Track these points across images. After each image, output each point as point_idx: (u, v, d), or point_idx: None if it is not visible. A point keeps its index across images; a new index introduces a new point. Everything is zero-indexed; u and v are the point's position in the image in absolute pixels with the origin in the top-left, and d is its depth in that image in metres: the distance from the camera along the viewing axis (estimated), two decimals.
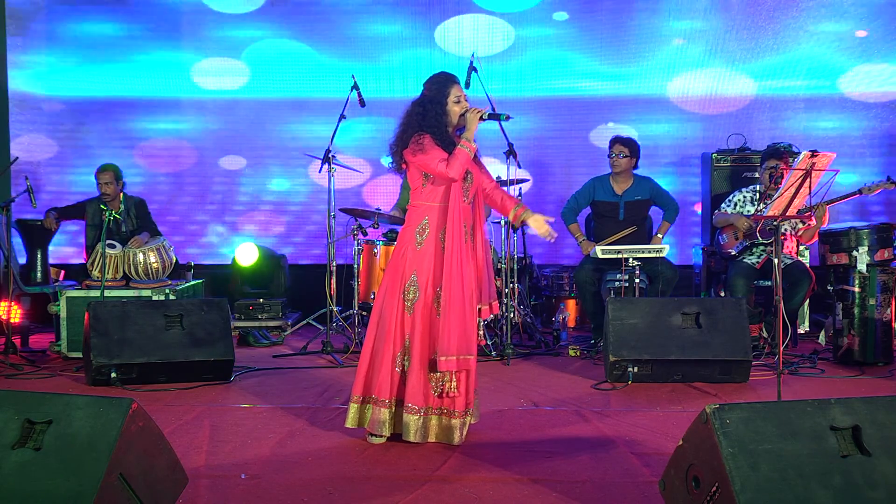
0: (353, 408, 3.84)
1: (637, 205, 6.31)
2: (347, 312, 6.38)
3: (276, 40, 7.91)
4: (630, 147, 6.24)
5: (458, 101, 3.82)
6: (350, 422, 3.83)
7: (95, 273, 5.94)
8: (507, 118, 3.92)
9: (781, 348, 4.36)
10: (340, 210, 6.44)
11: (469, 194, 3.85)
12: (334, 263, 6.24)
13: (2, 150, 7.87)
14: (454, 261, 3.72)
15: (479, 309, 3.89)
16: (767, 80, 7.64)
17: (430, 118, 3.79)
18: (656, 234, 6.33)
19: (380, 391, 3.76)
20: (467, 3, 7.77)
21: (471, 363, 3.74)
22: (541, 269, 7.53)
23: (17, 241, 6.94)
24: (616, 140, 6.30)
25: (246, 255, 7.36)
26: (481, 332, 5.93)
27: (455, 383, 3.73)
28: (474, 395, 3.89)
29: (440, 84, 3.84)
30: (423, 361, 3.74)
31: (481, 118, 3.79)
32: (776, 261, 4.40)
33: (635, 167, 6.32)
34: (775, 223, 4.52)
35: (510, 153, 5.54)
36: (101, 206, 6.25)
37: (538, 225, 3.96)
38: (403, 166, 3.88)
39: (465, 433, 3.81)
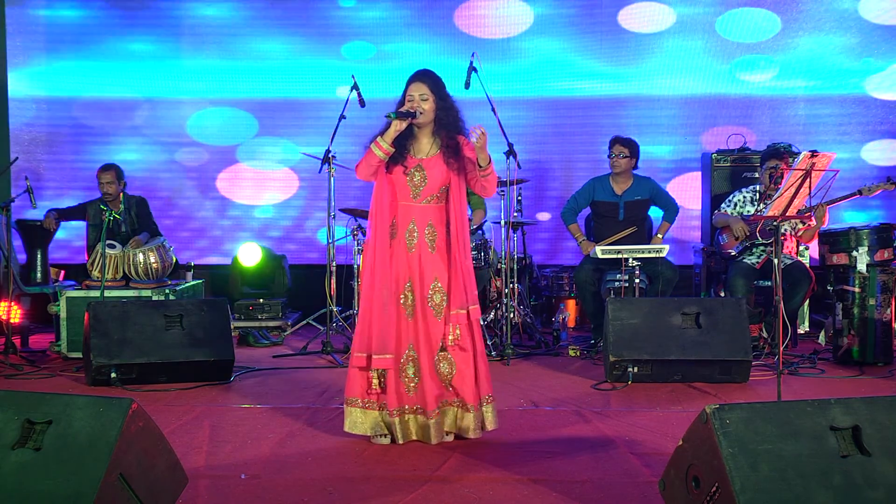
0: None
1: (637, 205, 6.31)
2: (347, 312, 6.37)
3: (276, 40, 7.90)
4: (630, 147, 6.24)
5: (411, 101, 3.77)
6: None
7: (95, 273, 5.94)
8: (390, 117, 3.74)
9: (781, 348, 4.36)
10: (340, 210, 6.44)
11: (422, 194, 3.79)
12: (334, 263, 6.24)
13: (2, 150, 7.87)
14: (367, 258, 3.76)
15: (456, 314, 3.77)
16: (767, 80, 7.64)
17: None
18: (656, 234, 6.33)
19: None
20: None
21: (387, 363, 3.70)
22: (541, 269, 7.53)
23: (17, 242, 6.94)
24: (616, 140, 6.29)
25: (249, 255, 7.35)
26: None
27: (378, 381, 3.73)
28: (462, 398, 3.82)
29: (406, 82, 3.83)
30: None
31: (386, 115, 3.72)
32: (776, 261, 4.40)
33: (635, 167, 6.32)
34: (775, 223, 4.52)
35: (510, 153, 5.54)
36: (102, 206, 6.25)
37: (478, 144, 3.71)
38: None
39: (424, 435, 3.77)
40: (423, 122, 3.79)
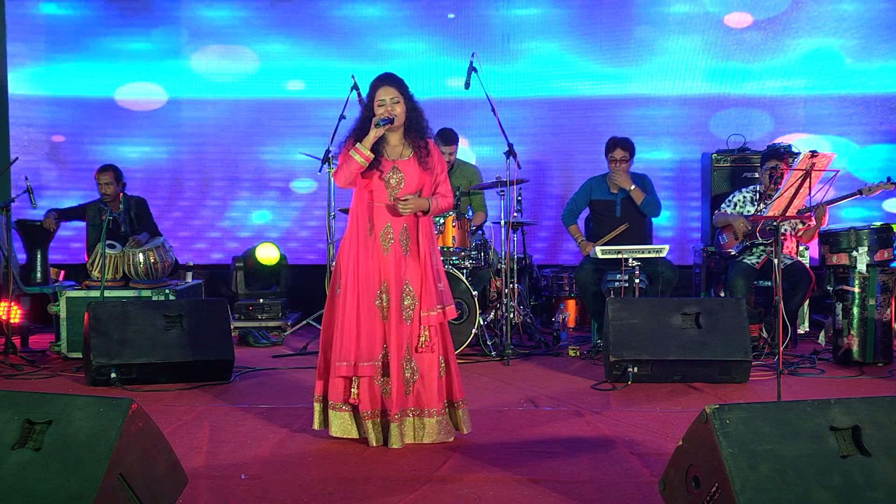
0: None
1: (632, 200, 6.31)
2: None
3: (276, 40, 7.90)
4: (630, 150, 6.22)
5: (382, 105, 3.78)
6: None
7: (95, 273, 5.94)
8: (379, 125, 3.72)
9: (781, 348, 4.36)
10: (340, 210, 6.44)
11: (398, 195, 3.79)
12: (334, 263, 6.22)
13: (2, 150, 7.87)
14: (350, 263, 3.77)
15: (426, 315, 3.77)
16: (767, 80, 7.64)
17: (359, 122, 3.82)
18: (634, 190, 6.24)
19: (317, 388, 3.94)
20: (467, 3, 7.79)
21: (368, 370, 3.70)
22: (541, 269, 7.53)
23: (17, 242, 6.94)
24: (616, 144, 6.22)
25: (267, 255, 7.32)
26: (475, 331, 5.93)
27: (357, 390, 3.73)
28: (421, 406, 3.81)
29: (371, 87, 3.84)
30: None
31: (374, 124, 3.73)
32: (776, 261, 4.40)
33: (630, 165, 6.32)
34: (775, 223, 4.52)
35: (510, 153, 5.55)
36: (102, 207, 6.25)
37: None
38: None
39: (395, 438, 3.74)
40: (396, 125, 3.81)
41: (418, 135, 3.85)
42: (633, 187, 6.18)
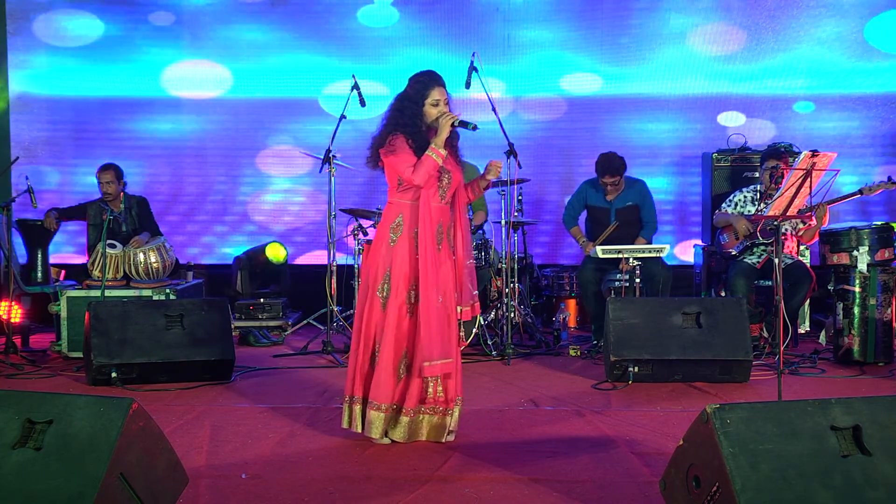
0: (345, 408, 3.86)
1: (628, 210, 6.31)
2: (347, 312, 6.37)
3: (277, 40, 7.90)
4: (619, 174, 6.17)
5: (437, 105, 3.76)
6: (344, 422, 3.86)
7: (96, 273, 5.94)
8: (475, 128, 3.79)
9: (782, 348, 4.36)
10: (340, 210, 6.44)
11: (447, 194, 3.82)
12: (334, 263, 6.24)
13: (2, 150, 7.87)
14: (429, 264, 3.72)
15: (461, 310, 3.84)
16: (768, 80, 7.63)
17: (405, 117, 3.77)
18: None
19: (356, 389, 3.79)
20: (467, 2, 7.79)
21: (450, 367, 3.75)
22: (541, 268, 7.53)
23: (18, 241, 6.93)
24: (605, 171, 6.15)
25: (277, 254, 7.32)
26: (475, 331, 5.93)
27: (442, 388, 3.75)
28: (457, 394, 3.87)
29: (421, 84, 3.80)
30: (390, 359, 3.73)
31: (452, 125, 3.73)
32: (777, 261, 4.40)
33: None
34: (776, 223, 4.52)
35: (510, 153, 5.54)
36: (102, 206, 6.25)
37: (492, 171, 3.83)
38: (380, 164, 3.85)
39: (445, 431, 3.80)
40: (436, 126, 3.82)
41: (451, 134, 3.87)
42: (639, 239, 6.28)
